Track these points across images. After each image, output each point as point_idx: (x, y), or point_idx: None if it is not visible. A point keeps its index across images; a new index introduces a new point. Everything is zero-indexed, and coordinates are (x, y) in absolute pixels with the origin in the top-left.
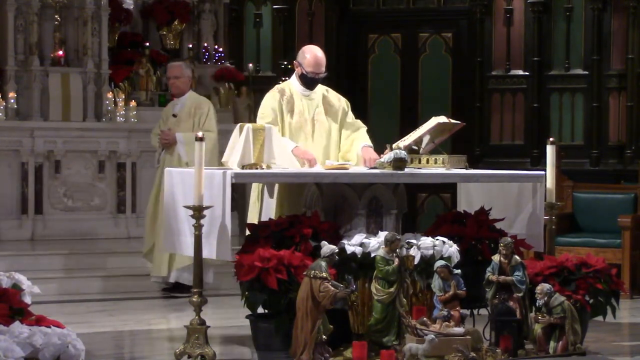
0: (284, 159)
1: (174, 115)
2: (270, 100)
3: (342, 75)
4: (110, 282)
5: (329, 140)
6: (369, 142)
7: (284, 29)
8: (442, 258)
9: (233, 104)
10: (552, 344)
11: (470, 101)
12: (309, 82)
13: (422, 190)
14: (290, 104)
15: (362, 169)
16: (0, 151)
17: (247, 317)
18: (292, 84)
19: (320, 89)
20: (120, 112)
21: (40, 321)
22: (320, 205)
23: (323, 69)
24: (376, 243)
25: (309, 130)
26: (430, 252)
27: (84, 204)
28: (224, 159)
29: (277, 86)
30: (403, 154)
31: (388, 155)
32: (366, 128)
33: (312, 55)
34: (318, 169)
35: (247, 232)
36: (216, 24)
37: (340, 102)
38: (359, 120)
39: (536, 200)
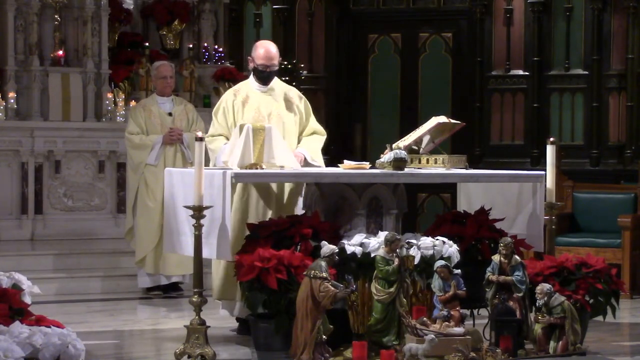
0: (284, 159)
1: (170, 114)
2: (221, 101)
3: (342, 75)
4: (110, 282)
5: (288, 137)
6: (307, 150)
7: (284, 29)
8: (442, 258)
9: None
10: (552, 344)
11: (470, 101)
12: (261, 76)
13: (422, 190)
14: (245, 101)
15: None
16: (0, 151)
17: (247, 317)
18: (248, 82)
19: (281, 86)
20: (120, 112)
21: (40, 321)
22: (320, 205)
23: (275, 62)
24: (376, 243)
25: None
26: (430, 252)
27: (84, 204)
28: (224, 159)
29: (232, 87)
30: (403, 154)
31: (388, 155)
32: (324, 136)
33: (264, 48)
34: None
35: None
36: (216, 24)
37: (301, 101)
38: (319, 127)
39: (536, 200)
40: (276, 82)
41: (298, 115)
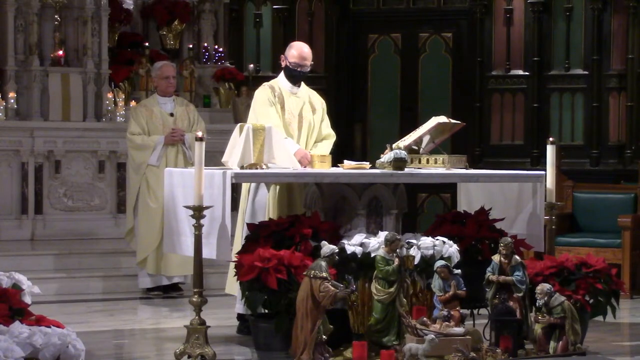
0: (284, 159)
1: (171, 115)
2: (263, 94)
3: (342, 75)
4: (110, 282)
5: (310, 137)
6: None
7: (284, 29)
8: (442, 258)
9: (233, 104)
10: (552, 344)
11: (470, 101)
12: (293, 75)
13: (422, 190)
14: (280, 100)
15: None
16: (0, 151)
17: (247, 317)
18: (279, 81)
19: (306, 89)
20: (120, 112)
21: (40, 321)
22: (320, 205)
23: (308, 63)
24: (376, 243)
25: (296, 126)
26: (430, 252)
27: (84, 204)
28: (224, 159)
29: (265, 83)
30: (403, 154)
31: (388, 155)
32: (333, 140)
33: (297, 49)
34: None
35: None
36: (216, 24)
37: (322, 106)
38: (331, 132)
39: (536, 200)
40: (302, 84)
41: (320, 118)
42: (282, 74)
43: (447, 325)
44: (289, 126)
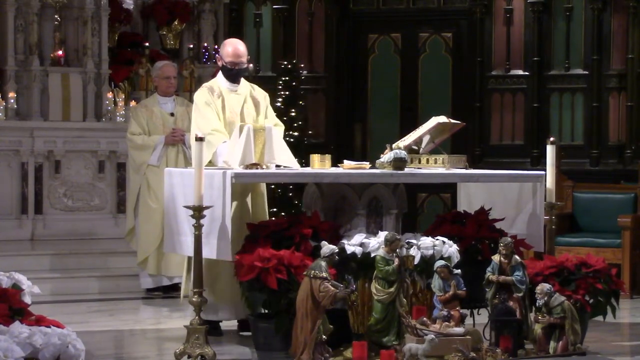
0: (285, 159)
1: (172, 115)
2: (201, 97)
3: (342, 75)
4: (110, 282)
5: None
6: None
7: (284, 29)
8: (442, 258)
9: None
10: (552, 344)
11: (470, 101)
12: (230, 74)
13: (422, 190)
14: (221, 99)
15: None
16: (0, 151)
17: (247, 317)
18: (218, 81)
19: (246, 85)
20: (120, 112)
21: (40, 321)
22: (320, 205)
23: (243, 59)
24: (376, 243)
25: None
26: (430, 252)
27: (84, 204)
28: (224, 159)
29: (204, 84)
30: (403, 154)
31: (388, 155)
32: (282, 128)
33: (232, 46)
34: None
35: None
36: (216, 24)
37: (265, 100)
38: (277, 121)
39: (536, 200)
40: (242, 81)
41: (263, 114)
42: (220, 74)
43: (447, 325)
44: (232, 125)
